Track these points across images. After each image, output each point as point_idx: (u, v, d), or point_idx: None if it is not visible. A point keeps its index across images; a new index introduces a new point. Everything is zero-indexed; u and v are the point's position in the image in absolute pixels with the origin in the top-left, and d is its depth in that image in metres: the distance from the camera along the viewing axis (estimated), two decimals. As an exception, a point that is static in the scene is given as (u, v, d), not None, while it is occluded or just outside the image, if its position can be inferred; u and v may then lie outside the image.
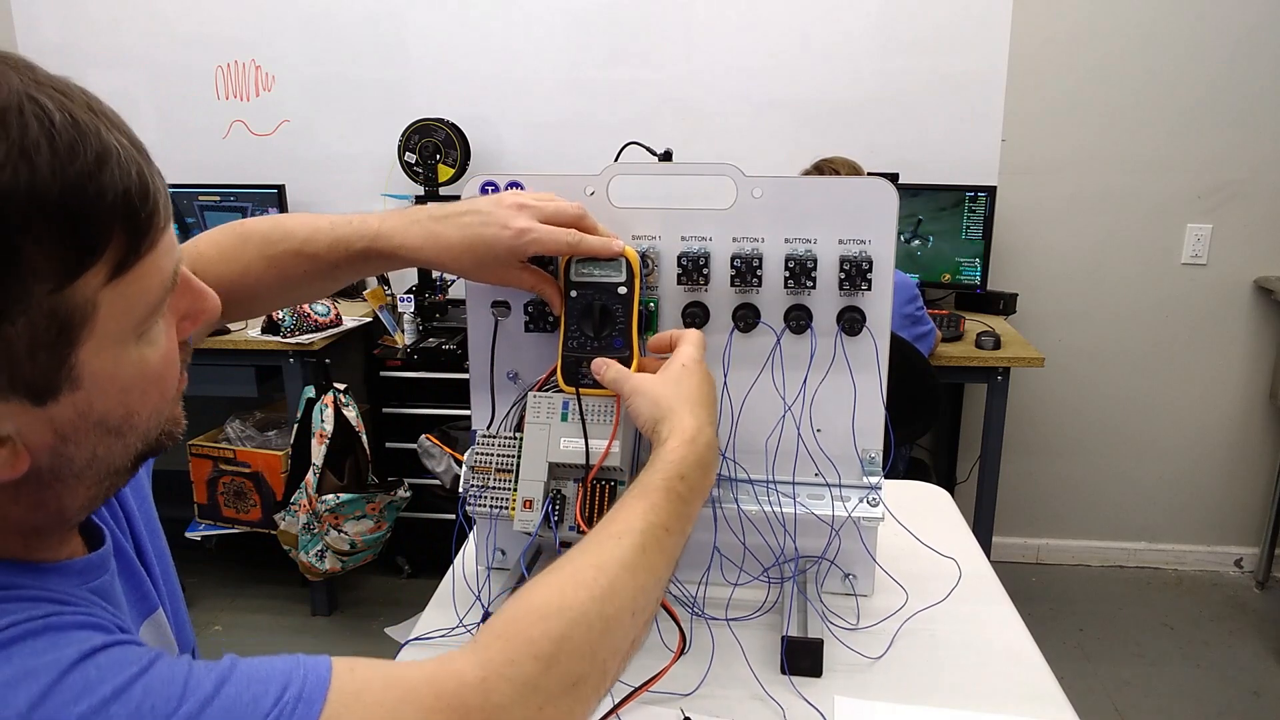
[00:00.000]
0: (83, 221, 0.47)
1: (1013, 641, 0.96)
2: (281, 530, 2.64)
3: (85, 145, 0.47)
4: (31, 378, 0.48)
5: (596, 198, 0.95)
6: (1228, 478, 3.07)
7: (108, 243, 0.48)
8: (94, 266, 0.48)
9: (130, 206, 0.49)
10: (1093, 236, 2.93)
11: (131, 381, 0.53)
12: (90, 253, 0.48)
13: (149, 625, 0.70)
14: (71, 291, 0.47)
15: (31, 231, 0.45)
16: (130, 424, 0.55)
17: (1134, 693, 2.46)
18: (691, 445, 0.76)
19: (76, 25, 3.14)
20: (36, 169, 0.45)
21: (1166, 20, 2.77)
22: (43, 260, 0.46)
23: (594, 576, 0.63)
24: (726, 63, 2.94)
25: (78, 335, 0.49)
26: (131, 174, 0.49)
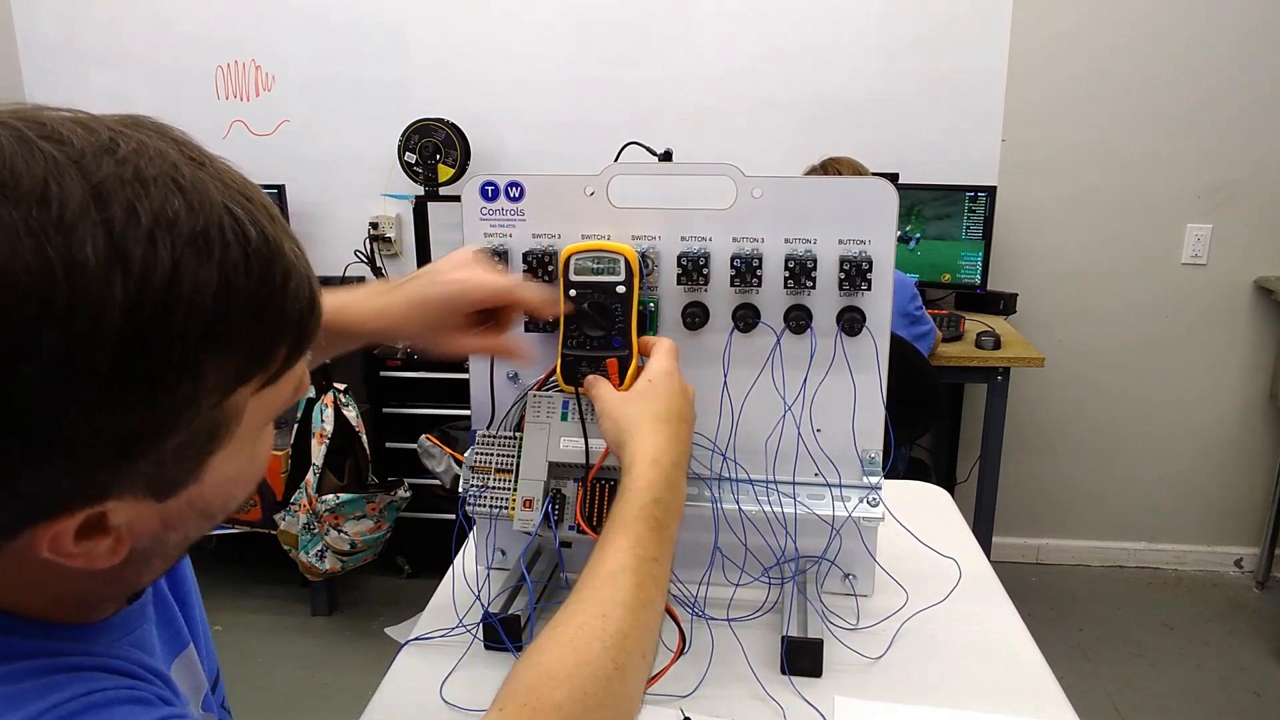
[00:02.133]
0: (262, 340, 0.47)
1: (1013, 641, 0.96)
2: (281, 530, 2.64)
3: (276, 265, 0.47)
4: (166, 479, 0.48)
5: (596, 198, 0.95)
6: (1228, 478, 3.07)
7: (275, 357, 0.49)
8: (254, 379, 0.48)
9: (302, 323, 0.49)
10: (1093, 236, 2.93)
11: (243, 474, 0.53)
12: (260, 366, 0.48)
13: (180, 662, 0.69)
14: (230, 402, 0.47)
15: (214, 347, 0.45)
16: (226, 509, 0.55)
17: (1134, 693, 2.46)
18: (656, 467, 0.75)
19: (76, 25, 3.14)
20: (234, 291, 0.45)
21: (1166, 20, 2.77)
22: (216, 375, 0.46)
23: (601, 626, 0.63)
24: (726, 63, 2.94)
25: (221, 443, 0.49)
26: (305, 291, 0.49)
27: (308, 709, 2.38)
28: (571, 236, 0.96)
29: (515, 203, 0.97)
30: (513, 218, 0.98)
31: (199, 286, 0.43)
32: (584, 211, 0.96)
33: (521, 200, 0.97)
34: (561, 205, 0.96)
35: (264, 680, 2.52)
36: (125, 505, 0.48)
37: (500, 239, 0.98)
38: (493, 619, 0.93)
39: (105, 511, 0.47)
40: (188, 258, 0.43)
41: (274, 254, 0.47)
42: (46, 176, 0.41)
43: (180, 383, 0.44)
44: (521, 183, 0.97)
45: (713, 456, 1.00)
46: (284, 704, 2.41)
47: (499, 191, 0.97)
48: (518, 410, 0.98)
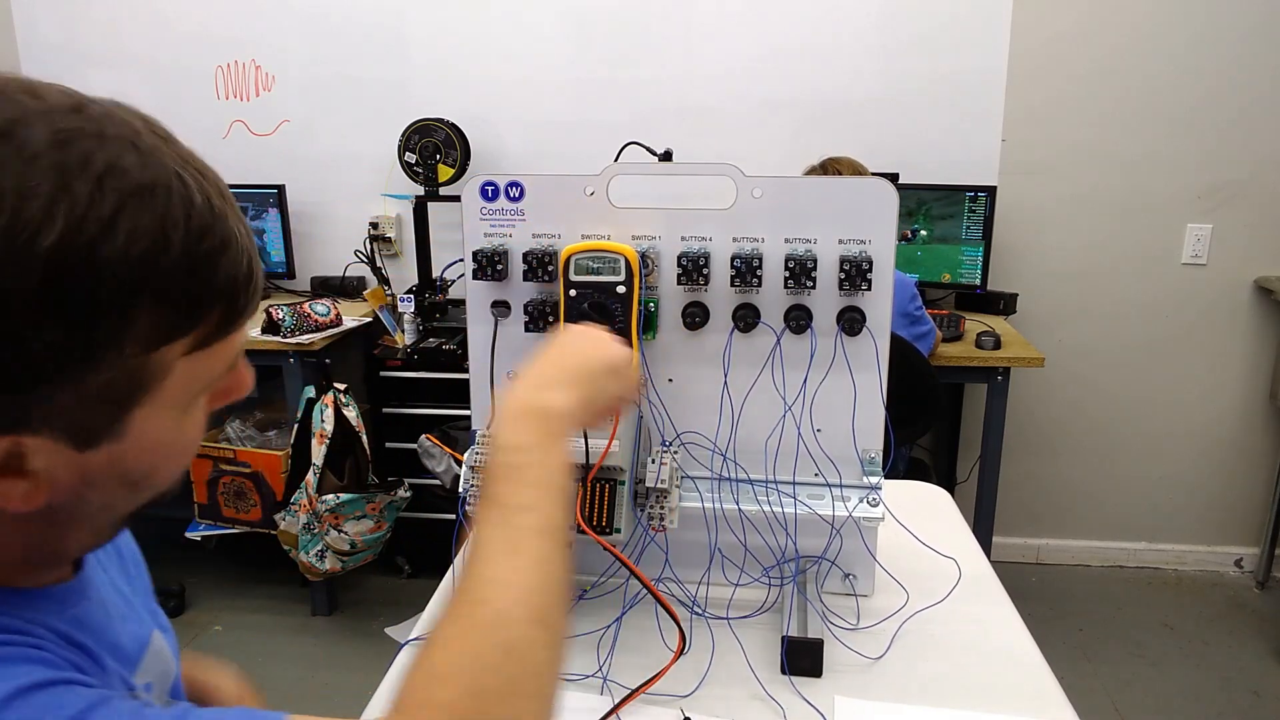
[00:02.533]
0: (192, 297, 0.50)
1: (1013, 641, 0.96)
2: (281, 530, 2.64)
3: (214, 231, 0.51)
4: (85, 424, 0.50)
5: (596, 197, 0.96)
6: (1228, 478, 3.07)
7: (205, 319, 0.52)
8: (185, 338, 0.51)
9: (234, 292, 0.53)
10: (1093, 236, 2.93)
11: (166, 446, 0.56)
12: (188, 325, 0.51)
13: (149, 649, 0.69)
14: (157, 355, 0.50)
15: (147, 297, 0.48)
16: (150, 481, 0.57)
17: (1134, 693, 2.46)
18: (503, 413, 0.68)
19: (76, 25, 3.14)
20: (170, 244, 0.48)
21: (1166, 20, 2.77)
22: (147, 324, 0.49)
23: (474, 610, 0.58)
24: (726, 63, 2.94)
25: (143, 395, 0.51)
26: (243, 263, 0.53)
27: (308, 709, 2.37)
28: (571, 236, 0.96)
29: (515, 202, 0.97)
30: (513, 218, 0.98)
31: (136, 233, 0.47)
32: (584, 211, 0.96)
33: (521, 200, 0.97)
34: (561, 205, 0.96)
35: (264, 680, 2.50)
36: (44, 447, 0.49)
37: (500, 239, 0.98)
38: (493, 619, 0.92)
39: (23, 451, 0.49)
40: (131, 205, 0.47)
41: (215, 220, 0.51)
42: (16, 119, 0.46)
43: (106, 318, 0.47)
44: (521, 183, 0.97)
45: (713, 456, 1.00)
46: (284, 704, 2.40)
47: (499, 191, 0.97)
48: (518, 410, 0.98)
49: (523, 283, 0.97)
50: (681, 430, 0.99)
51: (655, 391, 0.99)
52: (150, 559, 0.83)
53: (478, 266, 0.97)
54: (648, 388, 0.99)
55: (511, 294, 0.99)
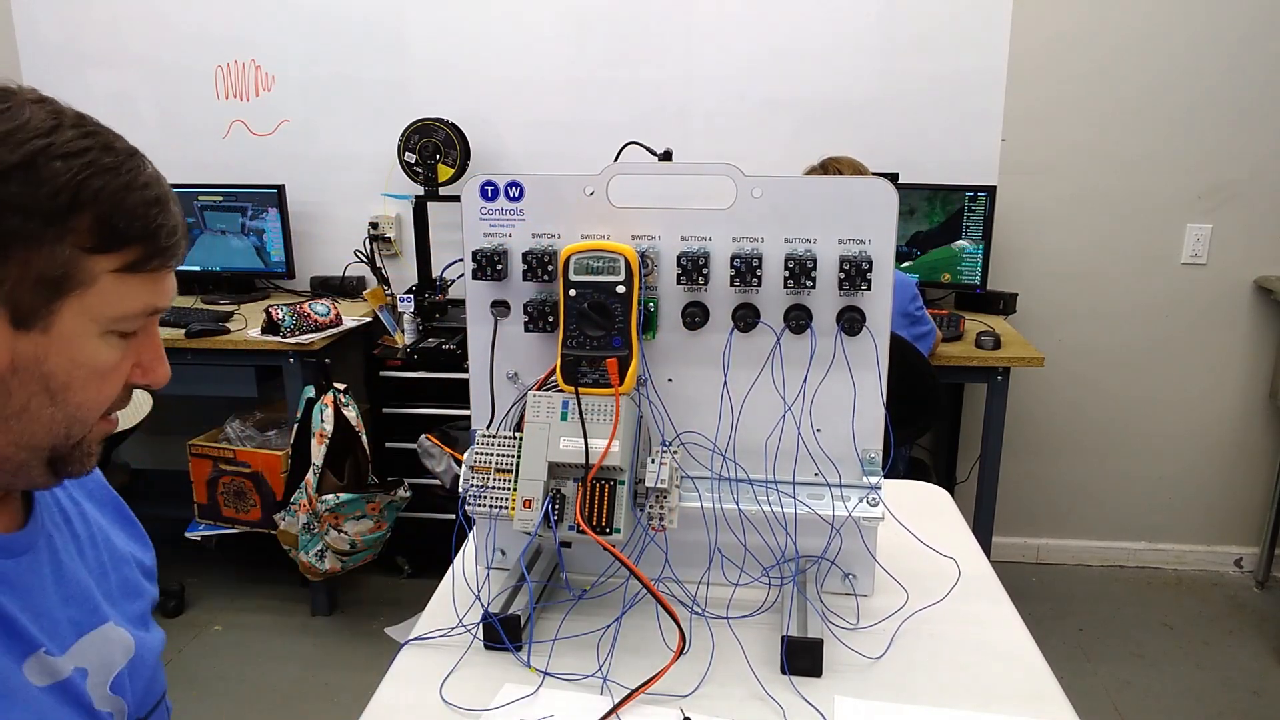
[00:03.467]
0: (125, 222, 0.64)
1: (1013, 641, 0.96)
2: (281, 530, 2.64)
3: (151, 187, 0.66)
4: (23, 301, 0.61)
5: (596, 197, 0.95)
6: (1228, 477, 3.07)
7: (129, 245, 0.64)
8: (112, 254, 0.64)
9: (157, 236, 0.66)
10: (1093, 236, 2.93)
11: (83, 360, 0.65)
12: (116, 244, 0.64)
13: (95, 635, 0.73)
14: (90, 260, 0.63)
15: (89, 211, 0.62)
16: (65, 397, 0.65)
17: (1134, 693, 2.46)
18: None
19: (76, 25, 3.14)
20: (116, 179, 0.63)
21: (1166, 20, 2.77)
22: (85, 231, 0.62)
23: None
24: (726, 63, 2.94)
25: (72, 289, 0.63)
26: (170, 221, 0.66)
27: (308, 709, 2.38)
28: (571, 236, 0.96)
29: (515, 202, 0.97)
30: (512, 217, 0.98)
31: (93, 166, 0.62)
32: (584, 211, 0.96)
33: (521, 200, 0.97)
34: (561, 205, 0.96)
35: (264, 680, 2.52)
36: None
37: (500, 239, 0.98)
38: (493, 619, 0.93)
39: None
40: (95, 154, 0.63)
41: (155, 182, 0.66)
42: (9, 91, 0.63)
43: (57, 215, 0.61)
44: (521, 182, 0.97)
45: (713, 456, 1.00)
46: (284, 704, 2.41)
47: (499, 191, 0.97)
48: (518, 410, 0.98)
49: (522, 283, 0.97)
50: (681, 430, 0.99)
51: (655, 391, 0.99)
52: (149, 559, 0.84)
53: (477, 266, 0.97)
54: (648, 387, 0.99)
55: (511, 294, 0.99)
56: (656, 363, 0.98)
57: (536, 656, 0.92)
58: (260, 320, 2.69)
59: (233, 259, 3.12)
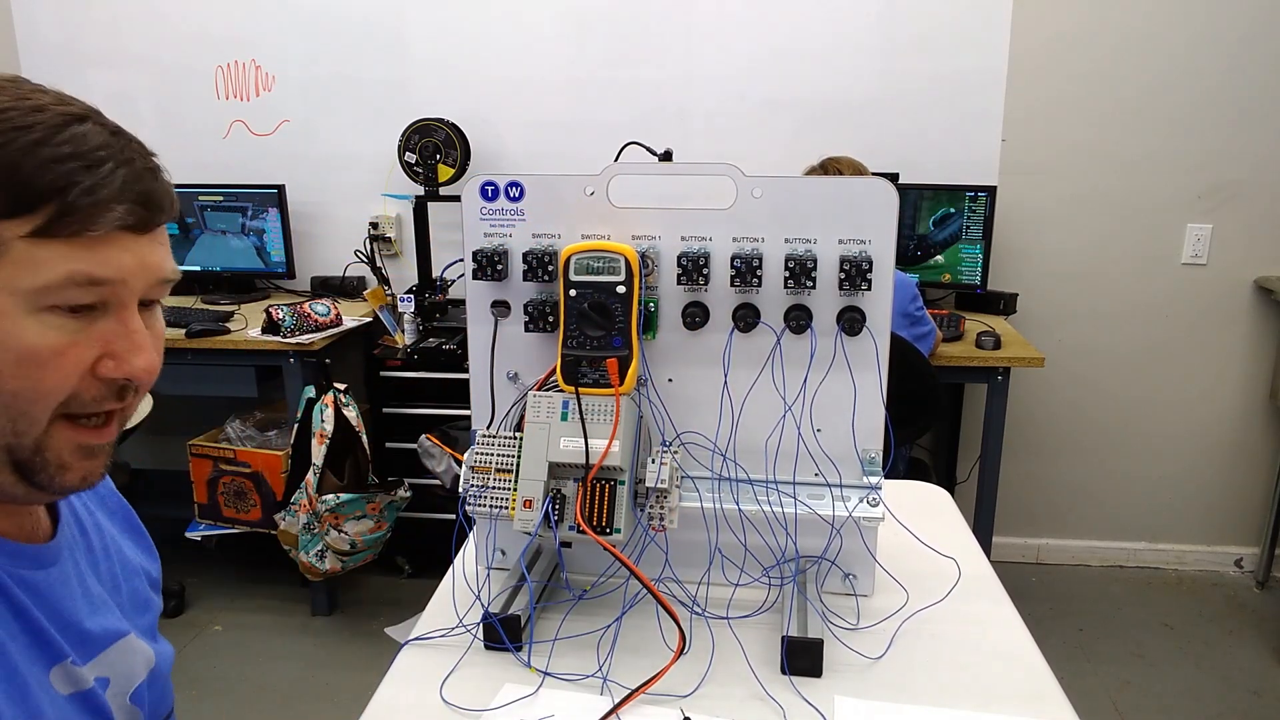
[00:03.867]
0: (31, 180, 0.57)
1: (1013, 641, 0.96)
2: (282, 530, 2.64)
3: (83, 142, 0.59)
4: None
5: (596, 197, 0.95)
6: (1228, 478, 3.07)
7: (40, 206, 0.57)
8: (21, 217, 0.57)
9: (68, 190, 0.58)
10: (1093, 236, 2.93)
11: (10, 342, 0.58)
12: (24, 206, 0.57)
13: (119, 646, 0.73)
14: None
15: None
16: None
17: (1134, 693, 2.46)
18: None
19: (76, 25, 3.14)
20: (25, 139, 0.57)
21: (1166, 20, 2.77)
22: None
23: None
24: (726, 63, 2.94)
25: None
26: (101, 175, 0.59)
27: (308, 709, 2.38)
28: (571, 236, 0.96)
29: (515, 203, 0.97)
30: (512, 218, 0.98)
31: None
32: (584, 211, 0.96)
33: (521, 200, 0.97)
34: (561, 205, 0.96)
35: (264, 680, 2.52)
36: None
37: (500, 239, 0.98)
38: (493, 619, 0.93)
39: None
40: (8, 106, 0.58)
41: (64, 126, 0.59)
42: None
43: None
44: (521, 183, 0.97)
45: (713, 456, 1.00)
46: (284, 704, 2.41)
47: (499, 191, 0.97)
48: (518, 410, 0.98)
49: (523, 283, 0.97)
50: (681, 430, 0.99)
51: (655, 391, 0.99)
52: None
53: (477, 266, 0.97)
54: (648, 388, 0.99)
55: (511, 294, 0.99)
56: (657, 363, 0.98)
57: (536, 656, 0.92)
58: (260, 320, 2.69)
59: (233, 259, 3.12)
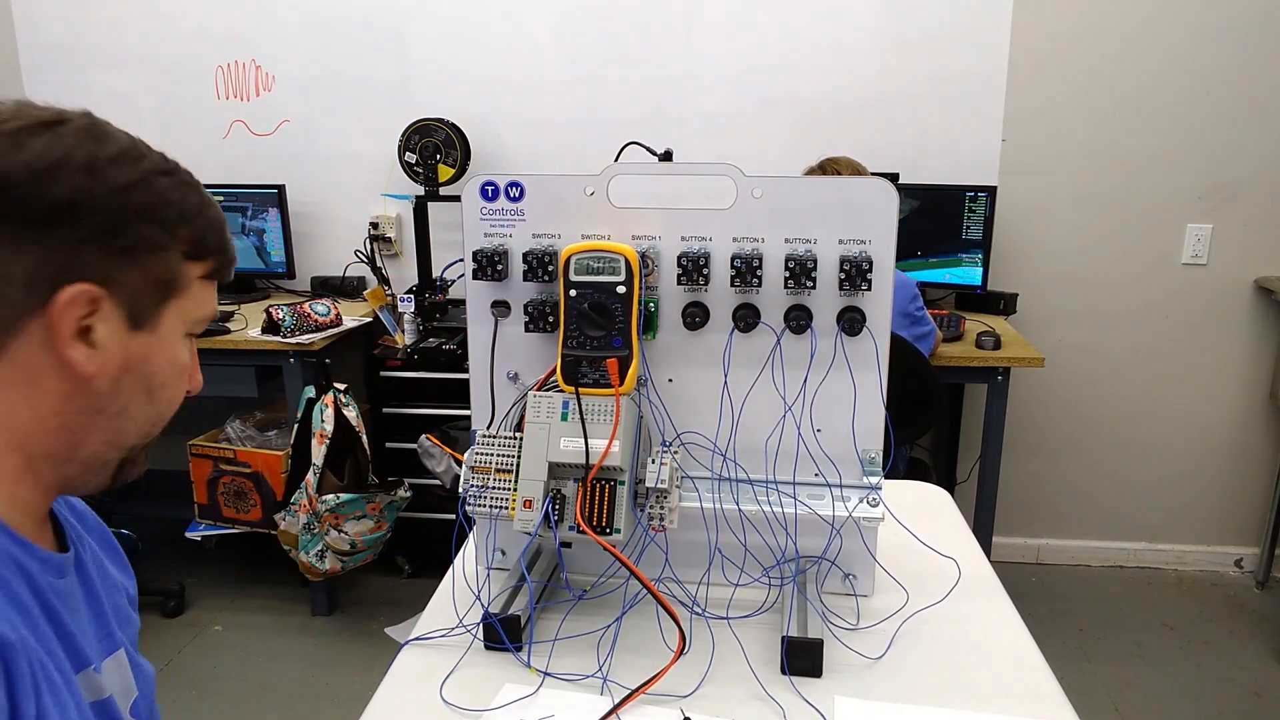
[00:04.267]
0: (210, 235, 0.72)
1: (1013, 642, 0.96)
2: (282, 530, 2.64)
3: (213, 204, 0.74)
4: (139, 302, 0.67)
5: (597, 198, 0.96)
6: (1228, 478, 3.07)
7: (213, 255, 0.73)
8: (201, 262, 0.71)
9: (228, 248, 0.75)
10: (1093, 236, 2.93)
11: (175, 359, 0.71)
12: (205, 253, 0.72)
13: (111, 662, 0.74)
14: (186, 266, 0.70)
15: (191, 223, 0.70)
16: (160, 395, 0.71)
17: (1134, 693, 2.46)
18: None
19: (76, 25, 3.14)
20: (204, 200, 0.72)
21: (1166, 20, 2.77)
22: (187, 239, 0.70)
23: None
24: (727, 63, 2.94)
25: (176, 293, 0.70)
26: (227, 234, 0.75)
27: (308, 709, 2.38)
28: (572, 236, 0.96)
29: (515, 203, 0.97)
30: (513, 218, 0.98)
31: (173, 174, 0.70)
32: (584, 211, 0.96)
33: (521, 200, 0.97)
34: (562, 205, 0.97)
35: (264, 680, 2.52)
36: (110, 317, 0.65)
37: (500, 239, 0.98)
38: (493, 619, 0.93)
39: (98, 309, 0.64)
40: (169, 167, 0.70)
41: (215, 205, 0.74)
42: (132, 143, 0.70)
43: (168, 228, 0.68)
44: (521, 183, 0.97)
45: (713, 457, 1.00)
46: (284, 704, 2.41)
47: (499, 191, 0.97)
48: (518, 410, 0.98)
49: (523, 283, 0.97)
50: (681, 430, 0.99)
51: (655, 392, 0.99)
52: (150, 559, 0.84)
53: (478, 266, 0.97)
54: (648, 388, 0.99)
55: (511, 294, 0.99)
56: (657, 363, 0.98)
57: (536, 657, 0.92)
58: (260, 320, 2.69)
59: (233, 259, 3.12)
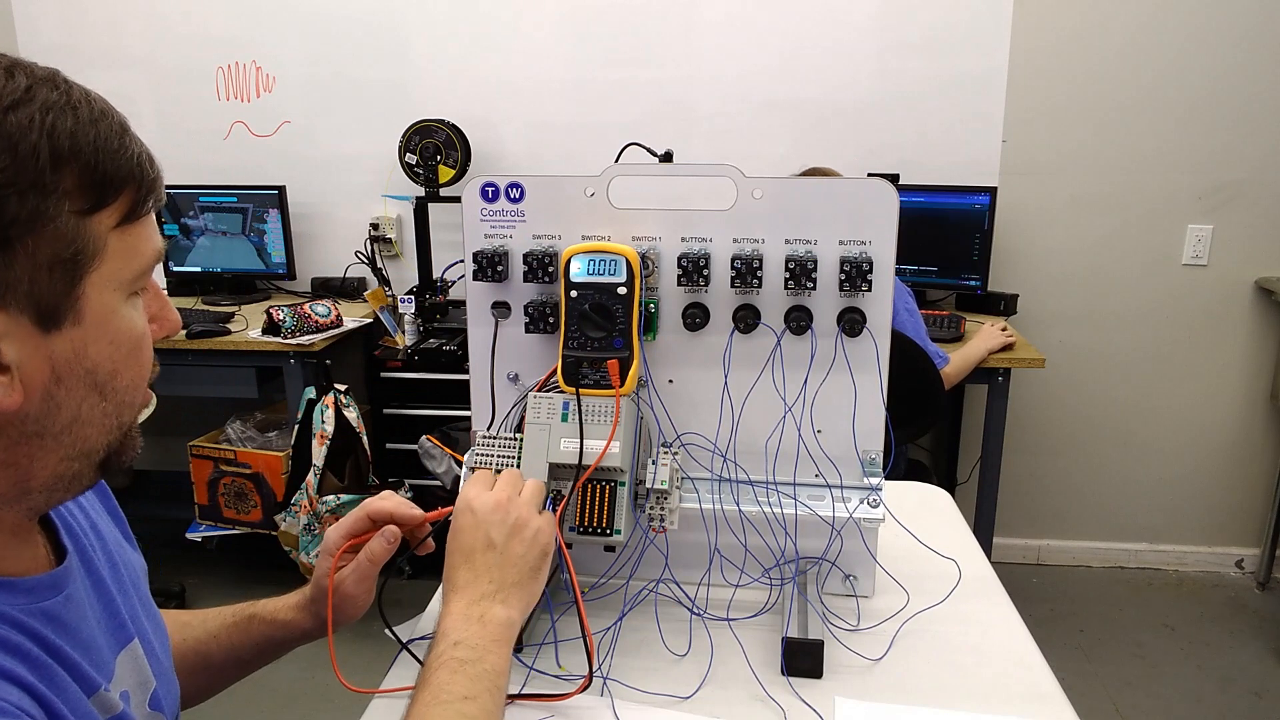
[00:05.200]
0: (108, 168, 0.56)
1: (1013, 642, 0.96)
2: (282, 531, 2.64)
3: (112, 116, 0.58)
4: (44, 297, 0.54)
5: (597, 198, 0.96)
6: (1228, 478, 3.07)
7: (122, 191, 0.57)
8: (110, 207, 0.56)
9: (142, 169, 0.58)
10: (1093, 237, 2.93)
11: (120, 336, 0.59)
12: (110, 193, 0.56)
13: (125, 655, 0.69)
14: (90, 223, 0.55)
15: (70, 164, 0.54)
16: (114, 385, 0.59)
17: (1135, 693, 2.46)
18: (452, 607, 0.78)
19: (77, 25, 3.14)
20: (80, 118, 0.55)
21: (1166, 20, 2.77)
22: (75, 188, 0.54)
23: None
24: (727, 63, 2.94)
25: (89, 264, 0.56)
26: (143, 148, 0.60)
27: (308, 709, 2.38)
28: (572, 237, 0.96)
29: (516, 203, 0.97)
30: (513, 218, 0.98)
31: (52, 119, 0.54)
32: (584, 212, 0.96)
33: (522, 201, 0.97)
34: (562, 206, 0.96)
35: (264, 680, 2.50)
36: (13, 329, 0.53)
37: (500, 240, 0.98)
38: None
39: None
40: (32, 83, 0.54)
41: (108, 107, 0.58)
42: None
43: (41, 184, 0.53)
44: (522, 183, 0.97)
45: (713, 457, 1.00)
46: (284, 704, 2.41)
47: (499, 192, 0.97)
48: (518, 411, 0.98)
49: (523, 284, 0.97)
50: (682, 431, 0.99)
51: (656, 392, 0.99)
52: (150, 559, 0.83)
53: (478, 267, 0.97)
54: (649, 389, 0.99)
55: (512, 295, 0.99)
56: (657, 364, 0.98)
57: (536, 657, 0.92)
58: (261, 321, 2.69)
59: (234, 260, 3.12)
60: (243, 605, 0.93)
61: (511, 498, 0.82)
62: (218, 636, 0.91)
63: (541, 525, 0.82)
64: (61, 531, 0.68)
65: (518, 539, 0.81)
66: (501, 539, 0.80)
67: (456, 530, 0.82)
